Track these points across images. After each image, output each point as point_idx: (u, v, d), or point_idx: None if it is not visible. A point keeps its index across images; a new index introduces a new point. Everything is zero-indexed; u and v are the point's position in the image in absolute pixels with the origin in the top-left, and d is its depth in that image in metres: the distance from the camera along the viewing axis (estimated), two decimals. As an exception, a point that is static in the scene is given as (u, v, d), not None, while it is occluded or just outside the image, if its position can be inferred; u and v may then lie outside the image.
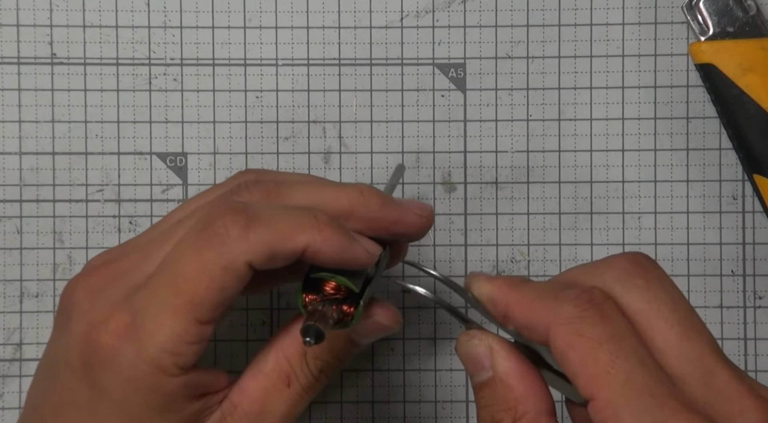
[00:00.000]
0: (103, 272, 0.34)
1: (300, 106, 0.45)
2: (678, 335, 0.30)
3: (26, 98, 0.45)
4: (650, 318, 0.30)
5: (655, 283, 0.31)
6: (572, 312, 0.30)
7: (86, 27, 0.45)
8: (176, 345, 0.32)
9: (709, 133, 0.45)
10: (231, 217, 0.32)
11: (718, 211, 0.45)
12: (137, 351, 0.32)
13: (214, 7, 0.45)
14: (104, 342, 0.32)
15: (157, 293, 0.32)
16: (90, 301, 0.34)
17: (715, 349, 0.30)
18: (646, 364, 0.29)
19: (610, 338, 0.29)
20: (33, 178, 0.45)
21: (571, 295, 0.30)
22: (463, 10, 0.45)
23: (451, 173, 0.45)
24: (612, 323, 0.30)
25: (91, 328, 0.33)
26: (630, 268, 0.31)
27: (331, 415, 0.45)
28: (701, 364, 0.29)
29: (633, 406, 0.28)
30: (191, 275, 0.32)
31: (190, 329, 0.32)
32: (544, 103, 0.45)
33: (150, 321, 0.32)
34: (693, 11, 0.44)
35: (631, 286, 0.31)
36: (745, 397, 0.29)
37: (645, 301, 0.30)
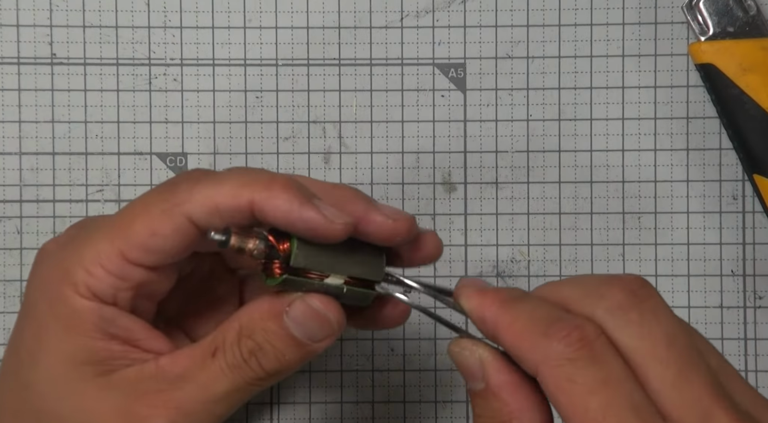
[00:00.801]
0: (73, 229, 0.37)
1: (300, 106, 0.45)
2: (674, 375, 0.28)
3: (26, 98, 0.45)
4: (645, 357, 0.29)
5: (650, 317, 0.29)
6: (562, 353, 0.29)
7: (86, 27, 0.45)
8: (92, 265, 0.33)
9: (709, 133, 0.45)
10: (188, 173, 0.34)
11: (718, 211, 0.45)
12: (60, 257, 0.34)
13: (214, 7, 0.45)
14: (45, 247, 0.35)
15: (100, 222, 0.34)
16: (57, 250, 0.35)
17: (713, 389, 0.29)
18: (639, 412, 0.28)
19: (601, 384, 0.28)
20: (33, 178, 0.45)
21: (562, 332, 0.29)
22: (463, 10, 0.45)
23: (451, 173, 0.45)
24: (604, 366, 0.28)
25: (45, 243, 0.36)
26: (624, 300, 0.30)
27: (331, 415, 0.45)
28: (698, 406, 0.28)
29: None
30: (130, 212, 0.33)
31: (112, 258, 0.33)
32: (544, 103, 0.45)
33: (83, 238, 0.34)
34: (693, 11, 0.44)
35: (624, 321, 0.29)
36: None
37: (639, 339, 0.29)
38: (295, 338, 0.33)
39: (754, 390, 0.30)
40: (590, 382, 0.28)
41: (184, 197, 0.32)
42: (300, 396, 0.45)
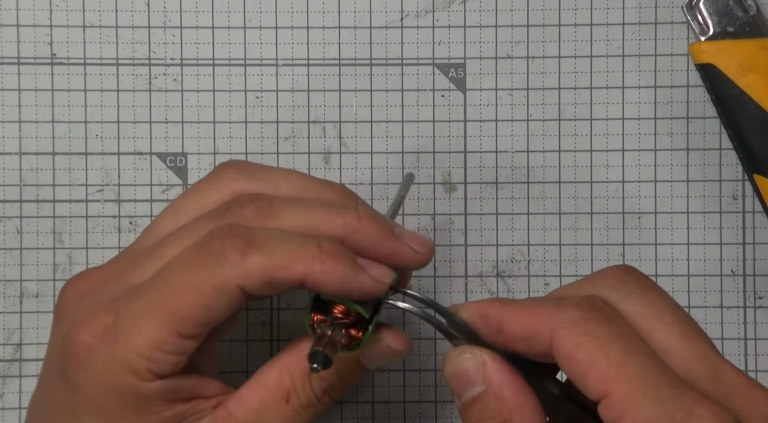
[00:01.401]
0: (91, 276, 0.35)
1: (300, 106, 0.45)
2: (680, 336, 0.30)
3: (26, 98, 0.45)
4: (651, 321, 0.31)
5: (650, 289, 0.31)
6: (577, 314, 0.30)
7: (86, 27, 0.45)
8: (152, 351, 0.32)
9: (709, 133, 0.45)
10: (230, 239, 0.32)
11: (718, 211, 0.45)
12: (113, 351, 0.32)
13: (214, 7, 0.45)
14: (82, 340, 0.33)
15: (143, 299, 0.32)
16: (75, 304, 0.34)
17: (716, 350, 0.31)
18: (657, 360, 0.29)
19: (617, 337, 0.30)
20: (33, 178, 0.45)
21: (573, 302, 0.31)
22: (463, 10, 0.45)
23: (451, 173, 0.45)
24: (617, 324, 0.30)
25: (72, 328, 0.33)
26: (622, 276, 0.32)
27: (331, 415, 0.45)
28: (707, 362, 0.30)
29: (651, 396, 0.28)
30: (180, 288, 0.32)
31: (169, 339, 0.32)
32: (544, 103, 0.45)
33: (130, 324, 0.32)
34: (693, 11, 0.44)
35: (626, 292, 0.31)
36: (756, 390, 0.30)
37: (643, 305, 0.31)
38: (367, 370, 0.36)
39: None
40: (607, 335, 0.29)
41: (235, 271, 0.32)
42: (300, 396, 0.45)
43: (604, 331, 0.30)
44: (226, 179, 0.36)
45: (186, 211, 0.36)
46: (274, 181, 0.36)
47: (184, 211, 0.36)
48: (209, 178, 0.37)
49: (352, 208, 0.35)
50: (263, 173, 0.36)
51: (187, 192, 0.37)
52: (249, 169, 0.36)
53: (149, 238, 0.36)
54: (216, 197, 0.36)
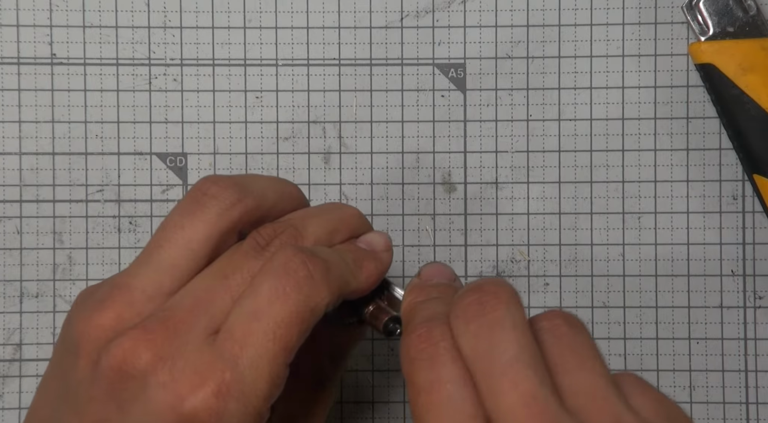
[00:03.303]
0: (161, 335, 0.32)
1: (300, 106, 0.45)
2: (495, 385, 0.29)
3: (26, 98, 0.45)
4: (474, 366, 0.30)
5: (485, 331, 0.30)
6: (411, 351, 0.31)
7: (86, 27, 0.45)
8: (272, 390, 0.32)
9: (709, 133, 0.45)
10: (312, 262, 0.33)
11: (718, 211, 0.45)
12: (244, 406, 0.31)
13: (214, 7, 0.45)
14: (204, 407, 0.31)
15: (251, 342, 0.32)
16: (166, 369, 0.31)
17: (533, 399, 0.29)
18: (457, 413, 0.30)
19: (429, 386, 0.30)
20: (33, 178, 0.45)
21: (417, 331, 0.32)
22: (463, 10, 0.45)
23: (451, 173, 0.45)
24: (437, 368, 0.31)
25: (181, 399, 0.31)
26: (470, 309, 0.31)
27: (331, 415, 0.45)
28: (515, 417, 0.29)
29: None
30: (286, 320, 0.32)
31: (281, 373, 0.32)
32: (544, 103, 0.45)
33: (251, 372, 0.31)
34: (693, 11, 0.44)
35: (464, 330, 0.31)
36: None
37: (471, 349, 0.30)
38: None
39: (595, 378, 0.30)
40: (421, 383, 0.30)
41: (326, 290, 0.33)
42: (300, 396, 0.45)
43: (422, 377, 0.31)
44: (215, 196, 0.35)
45: (196, 240, 0.34)
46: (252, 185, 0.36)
47: (194, 241, 0.34)
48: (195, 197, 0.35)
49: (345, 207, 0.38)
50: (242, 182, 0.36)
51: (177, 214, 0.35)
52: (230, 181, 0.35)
53: (170, 277, 0.34)
54: (215, 217, 0.34)
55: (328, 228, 0.36)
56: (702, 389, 0.45)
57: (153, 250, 0.34)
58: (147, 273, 0.33)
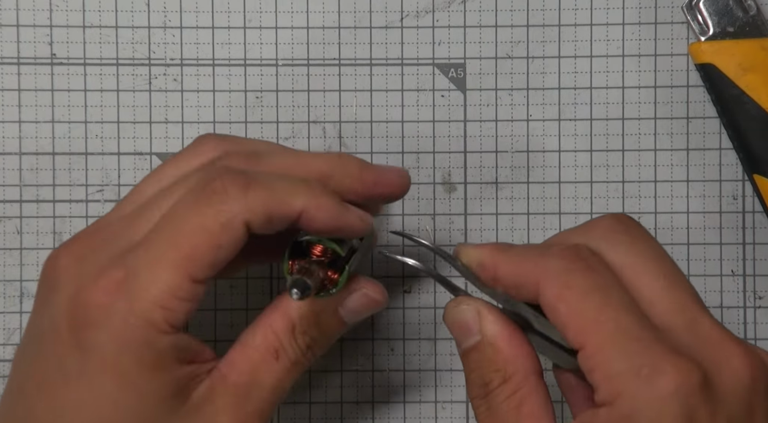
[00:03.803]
0: (86, 240, 0.35)
1: (300, 106, 0.45)
2: (663, 286, 0.31)
3: (26, 98, 0.45)
4: (636, 271, 0.31)
5: (639, 239, 0.32)
6: (560, 265, 0.31)
7: (86, 27, 0.45)
8: (169, 299, 0.32)
9: (709, 133, 0.45)
10: (230, 177, 0.33)
11: (718, 211, 0.45)
12: (130, 305, 0.32)
13: (214, 7, 0.45)
14: (94, 301, 0.32)
15: (153, 249, 0.32)
16: (76, 267, 0.34)
17: (698, 301, 0.31)
18: (632, 312, 0.30)
19: (597, 288, 0.30)
20: (33, 178, 0.45)
21: (558, 251, 0.32)
22: (463, 10, 0.45)
23: (451, 173, 0.45)
24: (599, 275, 0.31)
25: (79, 290, 0.33)
26: (614, 225, 0.33)
27: (331, 415, 0.45)
28: (686, 313, 0.31)
29: (622, 350, 0.30)
30: (190, 230, 0.32)
31: (183, 285, 0.32)
32: (544, 103, 0.45)
33: (144, 275, 0.32)
34: (693, 11, 0.44)
35: (616, 242, 0.32)
36: (730, 343, 0.30)
37: (630, 256, 0.31)
38: (347, 323, 0.36)
39: None
40: (586, 287, 0.30)
41: (240, 205, 0.32)
42: (300, 396, 0.45)
43: (585, 282, 0.31)
44: (205, 142, 0.36)
45: (169, 176, 0.36)
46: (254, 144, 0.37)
47: (167, 177, 0.36)
48: (190, 147, 0.37)
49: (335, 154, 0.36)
50: (243, 141, 0.37)
51: (168, 160, 0.37)
52: (228, 136, 0.37)
53: (132, 202, 0.36)
54: (198, 163, 0.36)
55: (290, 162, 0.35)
56: (702, 389, 0.45)
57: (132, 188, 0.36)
58: (118, 204, 0.36)
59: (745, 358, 0.30)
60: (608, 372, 0.30)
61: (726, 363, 0.30)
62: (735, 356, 0.30)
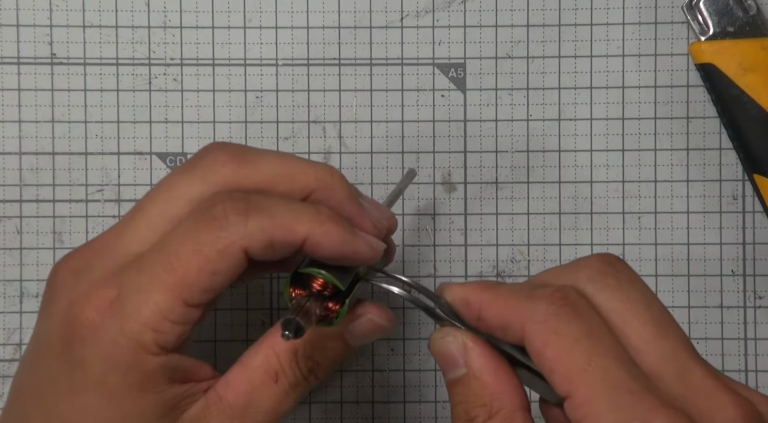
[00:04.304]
0: (82, 253, 0.34)
1: (300, 106, 0.45)
2: (652, 333, 0.30)
3: (26, 98, 0.45)
4: (624, 317, 0.30)
5: (627, 283, 0.31)
6: (547, 310, 0.30)
7: (86, 27, 0.45)
8: (159, 322, 0.32)
9: (709, 133, 0.45)
10: (231, 203, 0.32)
11: (718, 211, 0.45)
12: (119, 325, 0.32)
13: (214, 7, 0.45)
14: (85, 317, 0.32)
15: (146, 270, 0.32)
16: (70, 282, 0.34)
17: (689, 347, 0.30)
18: (622, 361, 0.29)
19: (586, 335, 0.29)
20: (33, 178, 0.45)
21: (546, 294, 0.30)
22: (463, 10, 0.45)
23: (451, 173, 0.45)
24: (587, 321, 0.30)
25: (71, 305, 0.33)
26: (602, 267, 0.31)
27: (331, 415, 0.45)
28: (676, 361, 0.30)
29: (611, 402, 0.29)
30: (185, 255, 0.32)
31: (175, 308, 0.32)
32: (544, 103, 0.45)
33: (135, 295, 0.32)
34: (693, 11, 0.44)
35: (603, 285, 0.31)
36: (722, 393, 0.29)
37: (618, 301, 0.30)
38: (352, 348, 0.36)
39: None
40: (575, 333, 0.29)
41: (239, 232, 0.32)
42: (300, 396, 0.45)
43: (573, 328, 0.30)
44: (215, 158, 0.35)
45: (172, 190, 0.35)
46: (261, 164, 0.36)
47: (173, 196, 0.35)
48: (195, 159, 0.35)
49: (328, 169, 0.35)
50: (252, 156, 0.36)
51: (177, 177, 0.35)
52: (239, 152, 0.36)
53: (132, 217, 0.35)
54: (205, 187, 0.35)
55: (279, 168, 0.34)
56: (702, 389, 0.45)
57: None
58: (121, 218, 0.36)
59: (737, 408, 0.29)
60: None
61: (718, 413, 0.29)
62: (727, 407, 0.29)
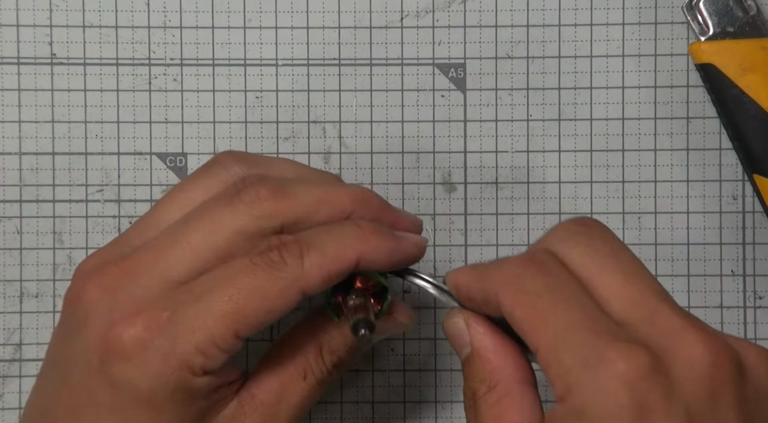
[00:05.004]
0: (114, 271, 0.34)
1: (300, 106, 0.45)
2: (620, 282, 0.30)
3: (26, 98, 0.45)
4: (592, 270, 0.31)
5: (598, 239, 0.32)
6: (514, 271, 0.31)
7: (86, 27, 0.45)
8: (209, 348, 0.33)
9: (709, 133, 0.45)
10: (285, 249, 0.33)
11: (718, 211, 0.45)
12: (171, 345, 0.32)
13: (214, 7, 0.45)
14: (132, 335, 0.33)
15: (204, 297, 0.33)
16: (108, 300, 0.34)
17: (658, 291, 0.31)
18: (585, 308, 0.30)
19: (549, 289, 0.30)
20: (33, 178, 0.45)
21: (514, 258, 0.32)
22: (463, 10, 0.45)
23: (451, 173, 0.45)
24: (551, 275, 0.31)
25: (113, 325, 0.33)
26: (573, 228, 0.32)
27: (331, 415, 0.45)
28: (644, 306, 0.30)
29: (571, 344, 0.29)
30: (245, 289, 0.33)
31: (227, 338, 0.33)
32: (544, 103, 0.45)
33: (192, 320, 0.33)
34: (693, 11, 0.44)
35: (573, 243, 0.31)
36: (688, 331, 0.30)
37: (587, 256, 0.31)
38: (371, 341, 0.38)
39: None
40: (539, 289, 0.30)
41: (296, 273, 0.33)
42: (300, 396, 0.45)
43: (537, 283, 0.30)
44: (226, 166, 0.36)
45: (189, 198, 0.36)
46: (272, 166, 0.37)
47: (187, 199, 0.36)
48: (208, 165, 0.37)
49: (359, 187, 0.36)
50: (261, 160, 0.37)
51: (186, 180, 0.37)
52: (247, 157, 0.37)
53: (155, 227, 0.36)
54: (217, 183, 0.36)
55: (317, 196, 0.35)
56: (702, 389, 0.45)
57: (153, 207, 0.37)
58: (138, 226, 0.36)
59: (704, 344, 0.29)
60: (559, 368, 0.29)
61: (682, 349, 0.29)
62: (693, 342, 0.29)
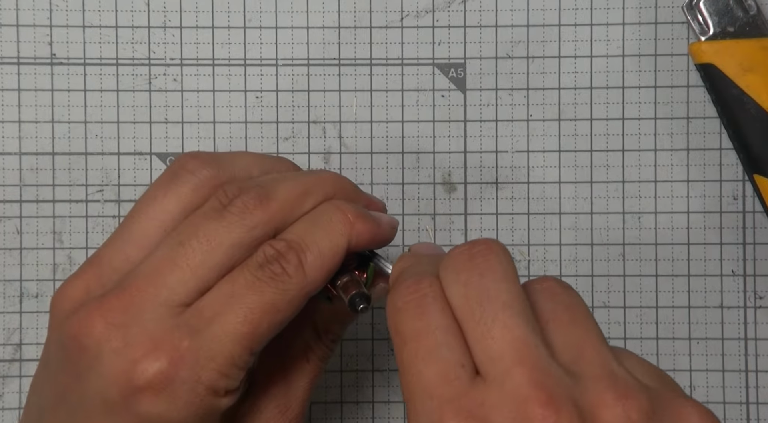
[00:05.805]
0: (117, 305, 0.33)
1: (300, 106, 0.45)
2: (482, 333, 0.30)
3: (26, 98, 0.45)
4: (463, 314, 0.30)
5: (475, 278, 0.31)
6: (398, 302, 0.31)
7: (86, 27, 0.45)
8: (229, 369, 0.33)
9: (709, 133, 0.45)
10: (283, 258, 0.33)
11: (718, 211, 0.45)
12: (197, 375, 0.32)
13: (214, 7, 0.45)
14: (158, 369, 0.32)
15: (217, 320, 0.33)
16: (119, 337, 0.33)
17: (519, 345, 0.29)
18: (444, 362, 0.29)
19: (415, 336, 0.30)
20: (33, 179, 0.45)
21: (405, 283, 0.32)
22: (463, 10, 0.45)
23: (451, 173, 0.45)
24: (424, 317, 0.31)
25: (137, 363, 0.32)
26: (460, 260, 0.31)
27: (331, 415, 0.45)
28: (500, 363, 0.29)
29: (419, 410, 0.29)
30: (258, 307, 0.33)
31: (244, 356, 0.33)
32: (544, 103, 0.45)
33: (211, 345, 0.32)
34: (693, 11, 0.44)
35: (453, 280, 0.31)
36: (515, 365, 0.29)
37: (460, 297, 0.30)
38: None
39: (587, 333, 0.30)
40: (408, 331, 0.30)
41: (301, 281, 0.33)
42: (300, 396, 0.45)
43: (408, 326, 0.31)
44: (194, 171, 0.35)
45: (166, 211, 0.35)
46: (235, 163, 0.36)
47: (164, 212, 0.35)
48: (173, 171, 0.36)
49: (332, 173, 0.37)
50: (224, 158, 0.36)
51: (154, 189, 0.35)
52: (210, 158, 0.36)
53: (135, 246, 0.34)
54: (190, 191, 0.35)
55: (299, 190, 0.35)
56: (702, 389, 0.45)
57: (126, 222, 0.35)
58: (115, 244, 0.35)
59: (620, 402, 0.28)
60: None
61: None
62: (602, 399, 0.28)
